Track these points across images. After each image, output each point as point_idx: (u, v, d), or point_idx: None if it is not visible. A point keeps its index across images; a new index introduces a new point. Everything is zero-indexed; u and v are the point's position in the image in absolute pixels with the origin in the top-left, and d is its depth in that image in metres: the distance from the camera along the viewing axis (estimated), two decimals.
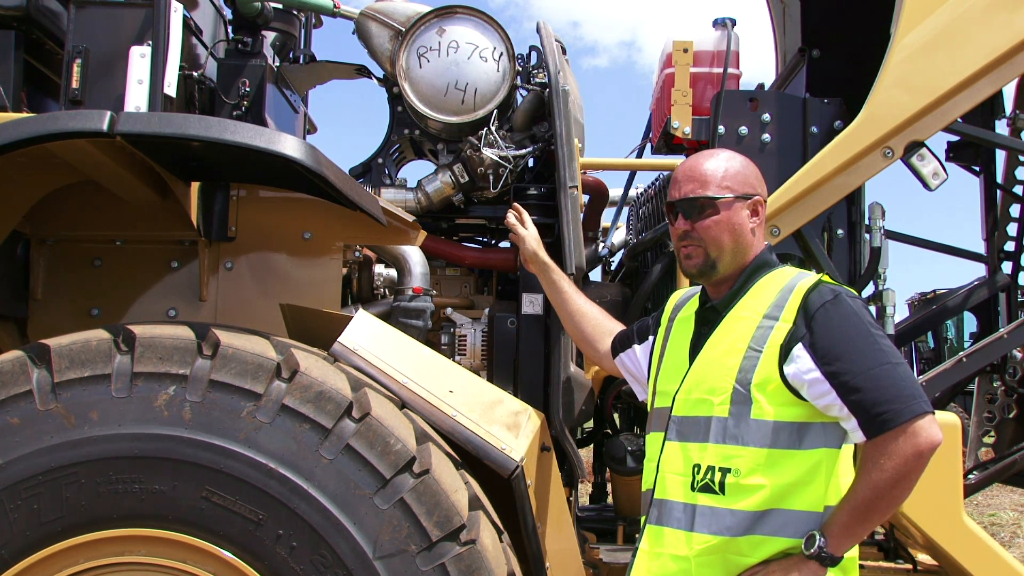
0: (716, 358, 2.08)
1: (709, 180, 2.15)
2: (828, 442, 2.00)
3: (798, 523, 1.97)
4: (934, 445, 1.91)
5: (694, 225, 2.15)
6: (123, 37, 2.82)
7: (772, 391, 1.99)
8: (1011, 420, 3.94)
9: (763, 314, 2.05)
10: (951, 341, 13.27)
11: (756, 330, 2.03)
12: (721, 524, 1.98)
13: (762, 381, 1.99)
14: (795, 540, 1.96)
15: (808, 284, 2.04)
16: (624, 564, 3.21)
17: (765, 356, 2.00)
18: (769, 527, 1.97)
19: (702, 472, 2.02)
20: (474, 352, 3.35)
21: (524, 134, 3.44)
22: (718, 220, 2.13)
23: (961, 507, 2.83)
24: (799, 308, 2.00)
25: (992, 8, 2.94)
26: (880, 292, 3.23)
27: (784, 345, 1.98)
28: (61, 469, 2.14)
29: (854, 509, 1.93)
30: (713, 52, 3.55)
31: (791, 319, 2.00)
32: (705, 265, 2.16)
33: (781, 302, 2.04)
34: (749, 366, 2.01)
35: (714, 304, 2.18)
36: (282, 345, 2.36)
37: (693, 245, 2.16)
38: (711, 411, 2.03)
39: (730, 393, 2.01)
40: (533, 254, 2.84)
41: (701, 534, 2.00)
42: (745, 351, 2.02)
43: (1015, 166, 4.06)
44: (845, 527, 1.94)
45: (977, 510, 8.67)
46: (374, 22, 3.47)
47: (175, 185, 2.75)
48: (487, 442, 2.47)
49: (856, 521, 1.94)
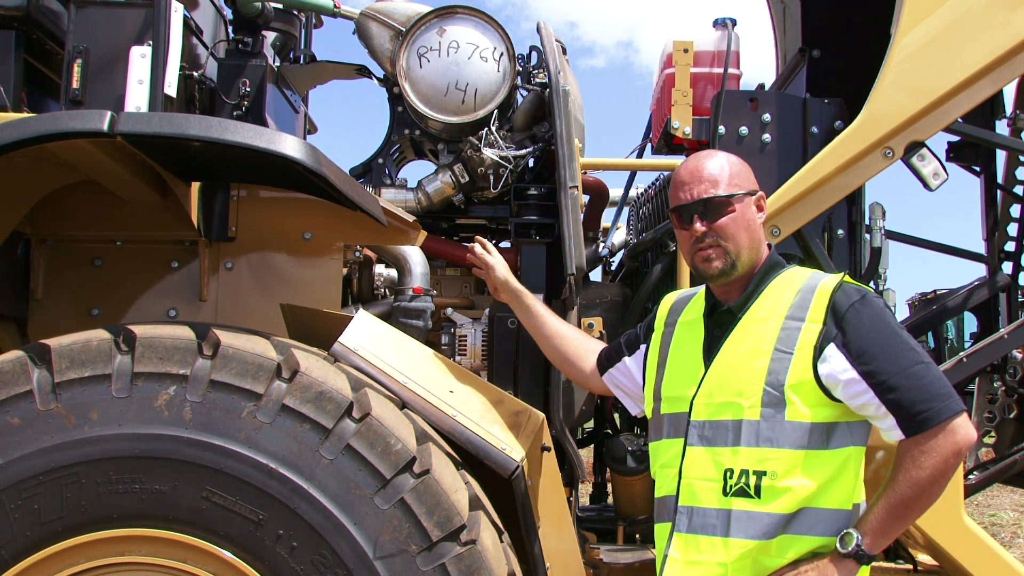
0: (740, 361, 2.07)
1: (719, 179, 2.15)
2: (855, 440, 2.03)
3: (828, 521, 1.99)
4: (971, 442, 1.95)
5: (711, 226, 2.14)
6: (123, 37, 2.82)
7: (807, 392, 2.00)
8: (1011, 420, 3.94)
9: (785, 315, 2.05)
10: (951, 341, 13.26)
11: (781, 331, 2.03)
12: (758, 528, 1.98)
13: (797, 383, 2.00)
14: (824, 539, 1.98)
15: (833, 284, 2.05)
16: (624, 564, 3.22)
17: (797, 357, 2.00)
18: (800, 526, 1.98)
19: (735, 476, 2.01)
20: (474, 352, 3.35)
21: (524, 134, 3.44)
22: (735, 217, 2.14)
23: (961, 507, 2.83)
24: (828, 308, 2.01)
25: (992, 8, 2.94)
26: (880, 292, 3.23)
27: (817, 346, 1.99)
28: (61, 469, 2.14)
29: (893, 507, 1.94)
30: (713, 52, 3.55)
31: (820, 319, 2.01)
32: (726, 265, 2.14)
33: (804, 303, 2.04)
34: (780, 368, 2.01)
35: (730, 307, 2.16)
36: (282, 345, 2.36)
37: (712, 247, 2.15)
38: (740, 414, 2.02)
39: (760, 395, 2.01)
40: (504, 282, 2.73)
41: (738, 539, 1.99)
42: (772, 353, 2.02)
43: (1015, 166, 4.06)
44: (883, 524, 1.95)
45: (977, 510, 8.67)
46: (374, 22, 3.47)
47: (175, 185, 2.76)
48: (487, 442, 2.47)
49: (894, 518, 1.95)
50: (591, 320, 3.36)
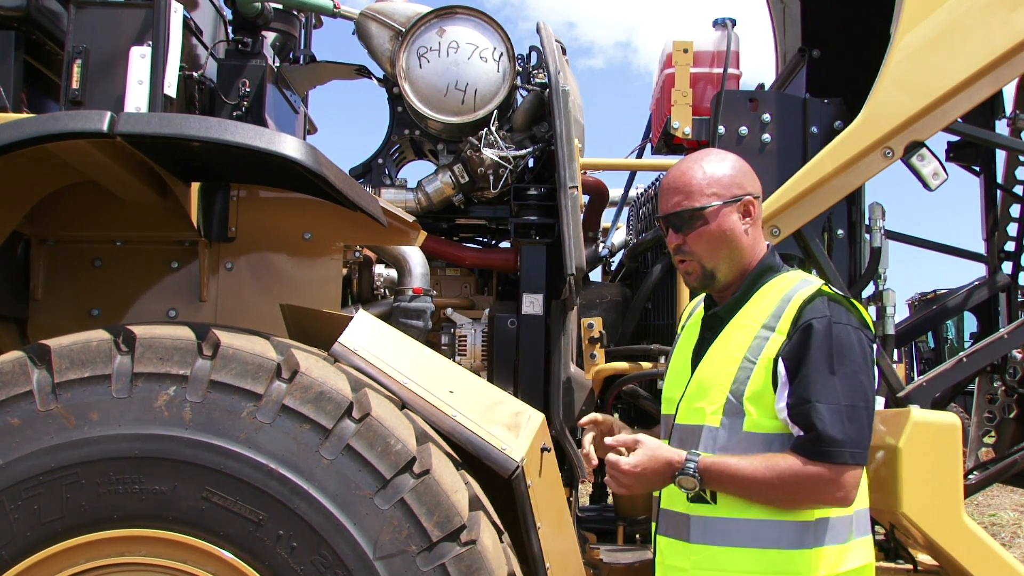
0: (715, 367, 2.06)
1: (694, 190, 2.09)
2: None
3: (789, 534, 1.95)
4: (847, 504, 1.94)
5: (685, 238, 2.10)
6: (123, 37, 2.82)
7: (766, 404, 1.97)
8: (1011, 420, 3.94)
9: (761, 323, 2.02)
10: (951, 341, 13.27)
11: (753, 340, 2.01)
12: (715, 534, 1.98)
13: (754, 394, 1.97)
14: (779, 550, 1.94)
15: (806, 295, 2.00)
16: (624, 564, 3.22)
17: (759, 368, 1.98)
18: (758, 540, 1.95)
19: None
20: (474, 352, 3.35)
21: (524, 134, 3.44)
22: (708, 230, 2.07)
23: (961, 507, 2.83)
24: (793, 319, 1.97)
25: (991, 8, 2.94)
26: (880, 292, 3.23)
27: (775, 358, 1.96)
28: (61, 469, 2.14)
29: (745, 474, 1.91)
30: (713, 52, 3.56)
31: (786, 331, 1.97)
32: (704, 277, 2.12)
33: (779, 312, 2.01)
34: (743, 377, 1.99)
35: (716, 311, 2.15)
36: (282, 345, 2.36)
37: (688, 260, 2.12)
38: (703, 419, 2.02)
39: (723, 403, 2.00)
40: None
41: (697, 544, 2.00)
42: (741, 361, 2.00)
43: (1015, 166, 4.06)
44: (721, 472, 1.92)
45: (977, 510, 8.67)
46: (374, 22, 3.47)
47: (175, 185, 2.75)
48: (487, 442, 2.46)
49: (732, 481, 1.93)
50: (591, 320, 3.36)
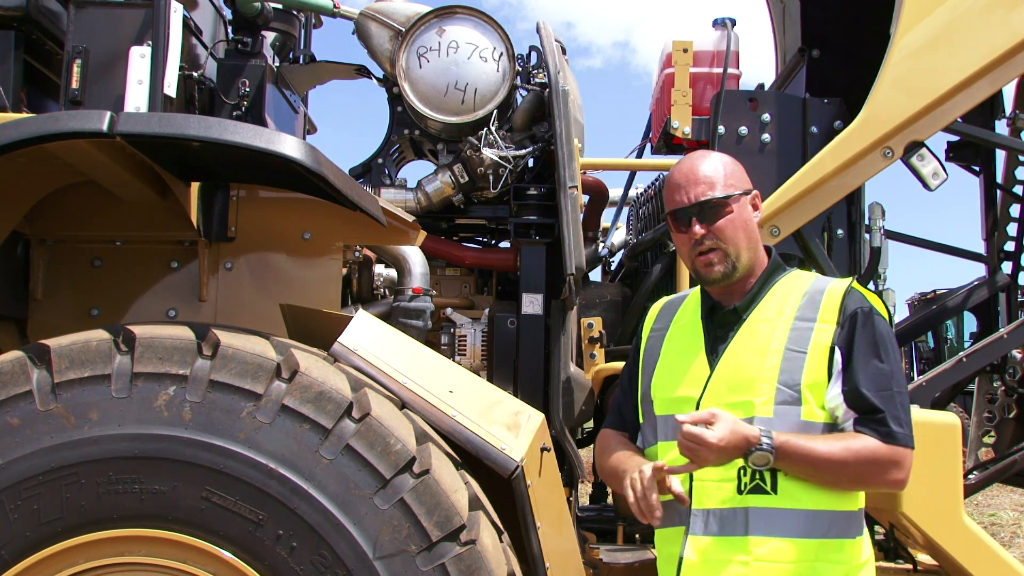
0: (749, 360, 2.08)
1: (715, 180, 2.14)
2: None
3: (842, 523, 2.01)
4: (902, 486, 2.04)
5: (710, 228, 2.12)
6: (123, 37, 2.82)
7: (821, 392, 2.03)
8: (1011, 420, 3.94)
9: (794, 316, 2.08)
10: (951, 341, 13.27)
11: (791, 331, 2.06)
12: (778, 525, 1.99)
13: (813, 383, 2.02)
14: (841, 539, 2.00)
15: (844, 287, 2.10)
16: (624, 564, 3.22)
17: (812, 357, 2.03)
18: (817, 530, 2.00)
19: (749, 474, 2.01)
20: (474, 352, 3.35)
21: (524, 134, 3.44)
22: (732, 219, 2.13)
23: (961, 507, 2.83)
24: (840, 309, 2.05)
25: (991, 8, 2.94)
26: (880, 292, 3.23)
27: (832, 346, 2.03)
28: (61, 469, 2.13)
29: (820, 453, 1.96)
30: (713, 52, 3.56)
31: (834, 320, 2.05)
32: (728, 268, 2.14)
33: (813, 304, 2.08)
34: (794, 367, 2.03)
35: (736, 307, 2.16)
36: (282, 345, 2.36)
37: (712, 250, 2.13)
38: (752, 411, 2.03)
39: (773, 393, 2.03)
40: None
41: (759, 536, 2.00)
42: (783, 352, 2.04)
43: (1015, 166, 4.06)
44: (798, 448, 1.96)
45: (977, 510, 8.67)
46: (374, 22, 3.47)
47: (175, 185, 2.75)
48: (487, 442, 2.46)
49: (805, 459, 1.96)
50: (591, 320, 3.36)
